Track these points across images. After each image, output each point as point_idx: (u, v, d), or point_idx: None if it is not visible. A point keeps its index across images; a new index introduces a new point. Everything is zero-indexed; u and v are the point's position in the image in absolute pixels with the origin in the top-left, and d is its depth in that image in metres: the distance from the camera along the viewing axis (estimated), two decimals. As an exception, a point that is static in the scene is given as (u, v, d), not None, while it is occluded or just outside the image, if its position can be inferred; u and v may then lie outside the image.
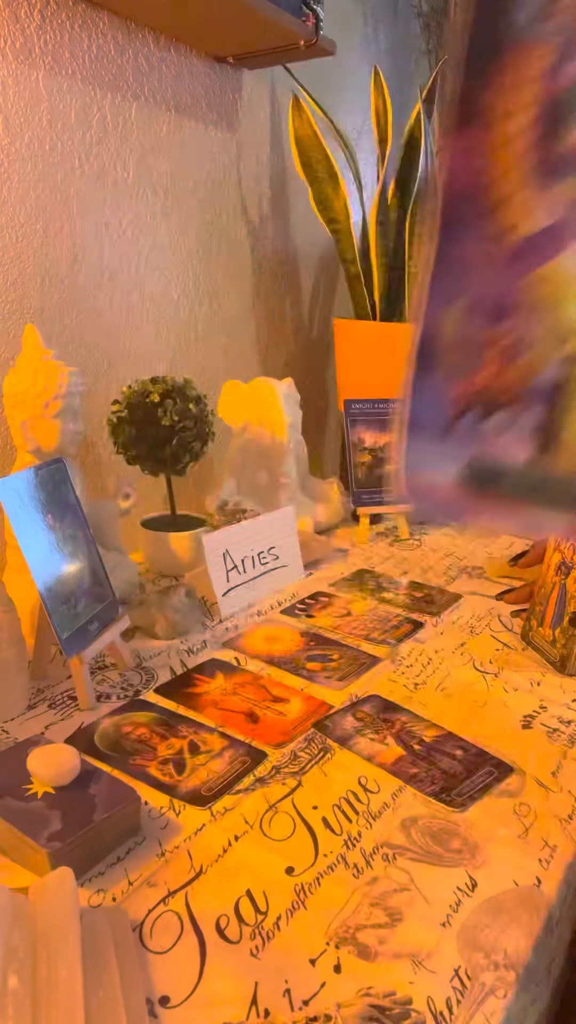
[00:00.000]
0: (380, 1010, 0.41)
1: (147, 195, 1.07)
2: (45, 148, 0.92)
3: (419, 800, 0.58)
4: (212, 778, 0.59)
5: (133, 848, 0.52)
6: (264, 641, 0.83)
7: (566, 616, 0.76)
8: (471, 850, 0.53)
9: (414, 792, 0.58)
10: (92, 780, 0.54)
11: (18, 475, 0.67)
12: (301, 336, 1.46)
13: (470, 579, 1.02)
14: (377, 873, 0.50)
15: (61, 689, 0.72)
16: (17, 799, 0.51)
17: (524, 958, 0.44)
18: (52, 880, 0.44)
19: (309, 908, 0.47)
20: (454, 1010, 0.41)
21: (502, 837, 0.54)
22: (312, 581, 1.00)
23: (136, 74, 1.01)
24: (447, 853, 0.52)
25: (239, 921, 0.46)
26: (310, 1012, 0.41)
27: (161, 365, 1.15)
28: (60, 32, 0.91)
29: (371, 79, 1.27)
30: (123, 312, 1.07)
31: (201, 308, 1.20)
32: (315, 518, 1.16)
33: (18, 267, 0.92)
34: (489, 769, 0.61)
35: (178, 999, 0.41)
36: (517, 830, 0.55)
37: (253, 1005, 0.41)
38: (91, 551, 0.74)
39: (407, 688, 0.73)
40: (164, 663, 0.78)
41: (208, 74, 1.13)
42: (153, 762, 0.61)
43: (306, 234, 1.41)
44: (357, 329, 1.31)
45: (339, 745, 0.64)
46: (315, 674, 0.76)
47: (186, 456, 0.94)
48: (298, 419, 1.16)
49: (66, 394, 0.79)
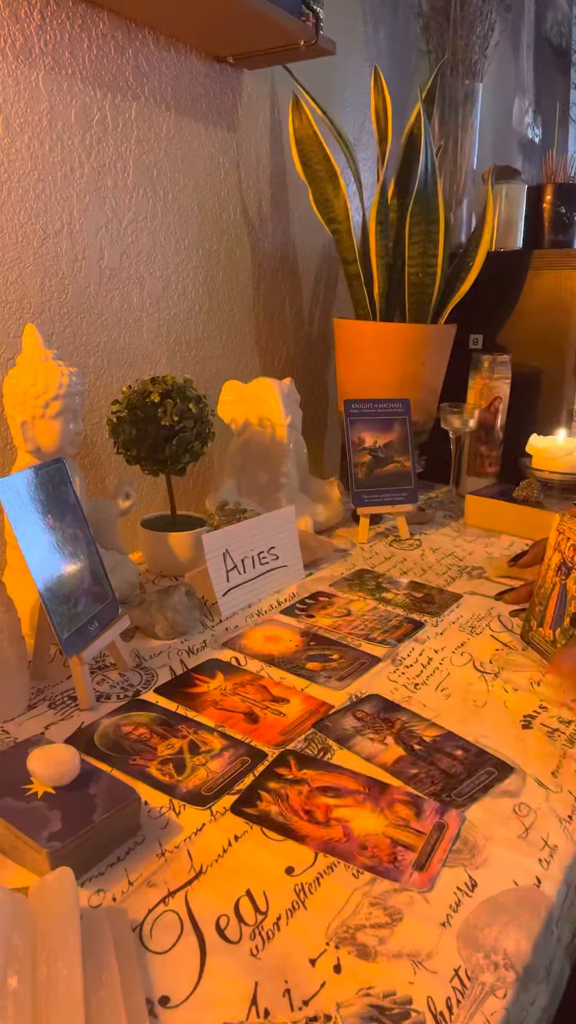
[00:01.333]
0: (380, 1010, 0.41)
1: (147, 195, 1.07)
2: (45, 148, 0.92)
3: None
4: (212, 778, 0.59)
5: (133, 848, 0.52)
6: (264, 641, 0.83)
7: (566, 617, 0.76)
8: (471, 850, 0.53)
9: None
10: (92, 780, 0.54)
11: (18, 475, 0.67)
12: (301, 336, 1.46)
13: (470, 579, 1.02)
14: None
15: (61, 689, 0.72)
16: (17, 799, 0.51)
17: (524, 958, 0.44)
18: (52, 880, 0.44)
19: (309, 908, 0.47)
20: (454, 1010, 0.41)
21: (502, 837, 0.54)
22: (312, 581, 1.00)
23: (136, 74, 1.01)
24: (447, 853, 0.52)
25: (239, 921, 0.46)
26: (310, 1012, 0.41)
27: (161, 365, 1.15)
28: (60, 32, 0.91)
29: (371, 79, 1.27)
30: (123, 312, 1.07)
31: (201, 308, 1.20)
32: (315, 518, 1.16)
33: (18, 267, 0.92)
34: (489, 769, 0.61)
35: (178, 999, 0.41)
36: (517, 830, 0.55)
37: (253, 1005, 0.41)
38: (91, 551, 0.74)
39: (407, 688, 0.73)
40: (164, 663, 0.78)
41: (208, 74, 1.13)
42: (153, 762, 0.61)
43: (306, 234, 1.41)
44: (357, 329, 1.31)
45: (338, 745, 0.64)
46: (315, 674, 0.76)
47: (186, 456, 0.94)
48: (298, 419, 1.16)
49: (66, 394, 0.79)
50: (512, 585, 0.96)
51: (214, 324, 1.24)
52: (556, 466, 1.25)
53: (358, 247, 1.28)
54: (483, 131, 1.70)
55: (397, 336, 1.28)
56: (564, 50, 2.28)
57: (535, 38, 2.14)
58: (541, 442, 1.28)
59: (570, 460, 1.24)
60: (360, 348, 1.30)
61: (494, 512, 1.21)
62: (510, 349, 1.46)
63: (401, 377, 1.29)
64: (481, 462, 1.41)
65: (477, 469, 1.41)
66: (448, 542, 1.17)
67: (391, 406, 1.18)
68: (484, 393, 1.36)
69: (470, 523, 1.24)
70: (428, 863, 0.51)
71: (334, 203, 1.27)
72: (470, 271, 1.30)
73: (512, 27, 1.98)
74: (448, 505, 1.36)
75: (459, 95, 1.56)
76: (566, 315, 1.42)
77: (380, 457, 1.17)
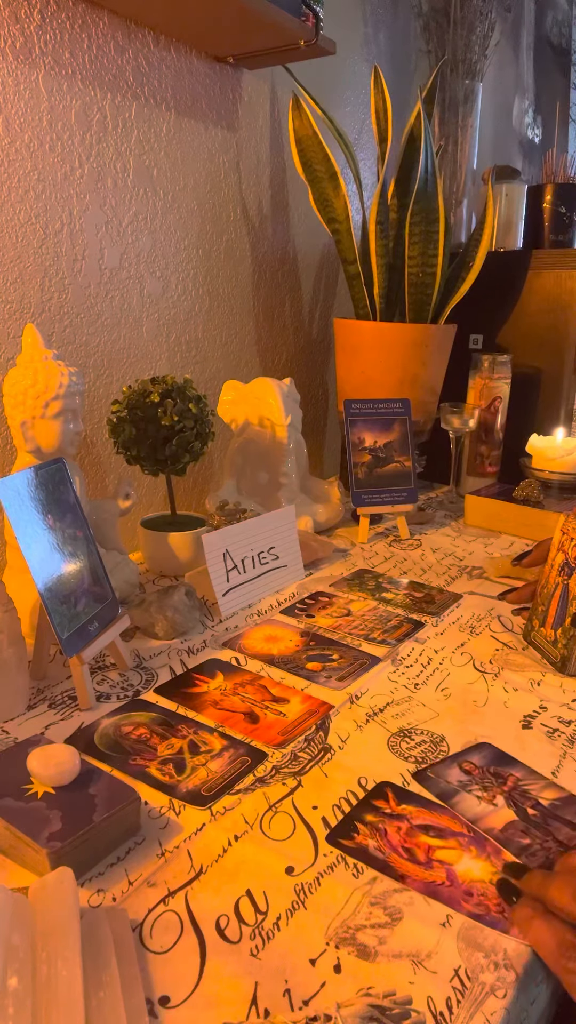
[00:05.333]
0: (380, 1010, 0.40)
1: (147, 195, 1.07)
2: (45, 148, 0.92)
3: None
4: (212, 778, 0.59)
5: (133, 848, 0.52)
6: (264, 641, 0.83)
7: (567, 617, 0.76)
8: (471, 850, 0.53)
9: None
10: (92, 780, 0.54)
11: (18, 475, 0.67)
12: (301, 336, 1.46)
13: (470, 579, 1.02)
14: (377, 873, 0.50)
15: (61, 689, 0.72)
16: (17, 799, 0.51)
17: (524, 958, 0.44)
18: (52, 880, 0.44)
19: (309, 908, 0.47)
20: (454, 1010, 0.41)
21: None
22: (312, 581, 1.00)
23: (136, 74, 1.01)
24: (447, 853, 0.52)
25: (239, 921, 0.46)
26: (310, 1012, 0.41)
27: (161, 365, 1.15)
28: (60, 32, 0.91)
29: (371, 79, 1.27)
30: (123, 312, 1.07)
31: (201, 308, 1.20)
32: (315, 518, 1.16)
33: (18, 267, 0.92)
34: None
35: (178, 999, 0.41)
36: (517, 830, 0.55)
37: (253, 1005, 0.41)
38: (91, 551, 0.74)
39: (407, 688, 0.73)
40: (164, 663, 0.78)
41: (208, 74, 1.13)
42: (153, 762, 0.61)
43: (306, 234, 1.41)
44: (357, 329, 1.31)
45: (441, 800, 0.57)
46: (315, 674, 0.76)
47: (186, 456, 0.94)
48: (298, 419, 1.16)
49: (66, 394, 0.79)
50: (513, 585, 0.96)
51: (214, 324, 1.24)
52: (556, 466, 1.25)
53: (358, 247, 1.28)
54: (483, 131, 1.70)
55: (397, 336, 1.28)
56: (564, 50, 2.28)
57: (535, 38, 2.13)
58: (541, 442, 1.28)
59: (570, 460, 1.24)
60: (360, 348, 1.30)
61: (494, 512, 1.21)
62: (510, 349, 1.46)
63: (401, 377, 1.29)
64: (481, 462, 1.41)
65: (477, 469, 1.41)
66: (448, 542, 1.17)
67: (391, 406, 1.18)
68: (484, 393, 1.36)
69: (470, 523, 1.24)
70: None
71: (334, 203, 1.26)
72: (470, 271, 1.30)
73: (512, 27, 1.98)
74: (448, 505, 1.36)
75: (459, 95, 1.56)
76: (566, 315, 1.42)
77: (380, 457, 1.17)
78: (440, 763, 0.61)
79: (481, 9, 1.53)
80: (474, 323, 1.50)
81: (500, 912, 0.47)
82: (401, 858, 0.51)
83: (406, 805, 0.56)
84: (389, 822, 0.54)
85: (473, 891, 0.49)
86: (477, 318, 1.49)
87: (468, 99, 1.57)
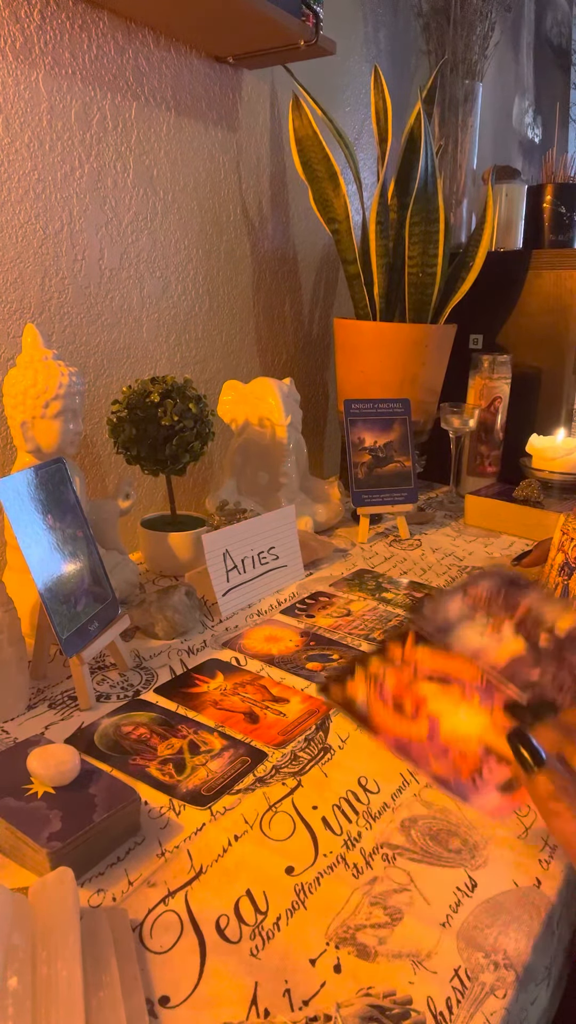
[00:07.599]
0: (380, 1010, 0.40)
1: (147, 195, 1.07)
2: (45, 148, 0.92)
3: (419, 801, 0.57)
4: (212, 778, 0.59)
5: (133, 848, 0.52)
6: (264, 641, 0.83)
7: (566, 616, 0.76)
8: (471, 850, 0.53)
9: (415, 792, 0.58)
10: (92, 780, 0.54)
11: (18, 475, 0.67)
12: (301, 336, 1.46)
13: (470, 579, 1.02)
14: (377, 873, 0.50)
15: (61, 689, 0.72)
16: (17, 799, 0.51)
17: (524, 958, 0.44)
18: (52, 880, 0.44)
19: (309, 908, 0.47)
20: (454, 1010, 0.41)
21: (502, 837, 0.54)
22: (312, 581, 1.00)
23: (136, 74, 1.01)
24: (447, 853, 0.52)
25: (239, 921, 0.46)
26: (310, 1012, 0.41)
27: (161, 365, 1.15)
28: (60, 32, 0.91)
29: (371, 79, 1.27)
30: (123, 312, 1.07)
31: (201, 308, 1.20)
32: (315, 518, 1.16)
33: (18, 267, 0.92)
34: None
35: (178, 999, 0.41)
36: (517, 830, 0.55)
37: (253, 1005, 0.41)
38: (91, 551, 0.74)
39: (407, 688, 0.73)
40: (164, 663, 0.78)
41: (208, 74, 1.13)
42: (153, 762, 0.61)
43: (306, 234, 1.41)
44: (357, 329, 1.31)
45: (430, 639, 0.49)
46: (315, 674, 0.76)
47: (186, 456, 0.94)
48: (298, 419, 1.16)
49: (66, 394, 0.79)
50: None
51: (214, 324, 1.24)
52: (556, 466, 1.25)
53: (358, 247, 1.28)
54: (483, 131, 1.70)
55: (397, 336, 1.28)
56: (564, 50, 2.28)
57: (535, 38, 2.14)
58: (541, 442, 1.28)
59: (570, 460, 1.24)
60: (360, 348, 1.30)
61: (494, 512, 1.21)
62: (510, 349, 1.46)
63: (401, 377, 1.29)
64: (481, 462, 1.41)
65: (477, 469, 1.41)
66: (448, 542, 1.17)
67: (391, 406, 1.18)
68: (484, 393, 1.36)
69: (470, 523, 1.24)
70: (519, 789, 0.40)
71: (334, 203, 1.26)
72: (470, 271, 1.30)
73: (512, 27, 1.98)
74: (448, 505, 1.36)
75: (459, 95, 1.56)
76: (566, 315, 1.42)
77: (380, 457, 1.17)
78: (435, 596, 0.54)
79: (481, 9, 1.53)
80: (474, 323, 1.50)
81: (471, 778, 0.42)
82: (387, 709, 0.47)
83: (424, 650, 0.50)
84: (394, 670, 0.49)
85: (451, 749, 0.43)
86: (477, 318, 1.49)
87: (468, 99, 1.57)
